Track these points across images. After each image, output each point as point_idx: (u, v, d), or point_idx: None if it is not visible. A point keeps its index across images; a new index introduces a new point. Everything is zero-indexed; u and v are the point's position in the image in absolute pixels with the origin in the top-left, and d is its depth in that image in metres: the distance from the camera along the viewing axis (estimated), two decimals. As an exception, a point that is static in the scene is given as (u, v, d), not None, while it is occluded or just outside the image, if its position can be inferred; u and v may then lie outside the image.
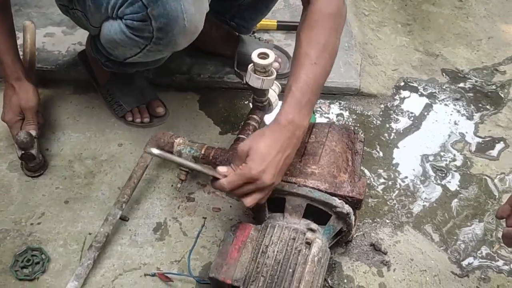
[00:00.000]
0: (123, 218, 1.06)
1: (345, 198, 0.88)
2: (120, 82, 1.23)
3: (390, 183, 1.18)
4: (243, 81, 1.04)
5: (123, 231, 1.05)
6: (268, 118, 1.19)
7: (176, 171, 1.10)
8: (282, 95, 0.91)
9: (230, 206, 1.11)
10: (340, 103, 1.36)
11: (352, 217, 0.90)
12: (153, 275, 0.97)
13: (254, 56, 0.92)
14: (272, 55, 0.96)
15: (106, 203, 1.08)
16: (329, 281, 0.99)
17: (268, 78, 0.99)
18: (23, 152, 1.06)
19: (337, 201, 0.87)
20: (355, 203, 0.89)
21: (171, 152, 1.03)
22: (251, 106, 1.18)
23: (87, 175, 1.15)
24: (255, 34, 1.46)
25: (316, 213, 0.90)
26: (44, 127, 1.19)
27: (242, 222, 0.93)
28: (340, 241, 0.99)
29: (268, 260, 0.84)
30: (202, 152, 1.02)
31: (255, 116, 1.13)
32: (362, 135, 1.07)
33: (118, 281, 0.97)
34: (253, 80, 0.99)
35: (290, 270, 0.83)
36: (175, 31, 0.90)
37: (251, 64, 0.96)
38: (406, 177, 1.19)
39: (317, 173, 0.90)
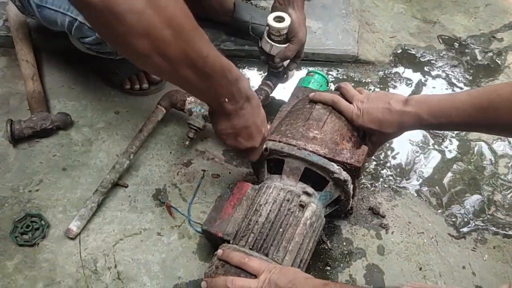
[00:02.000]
0: (123, 185, 1.06)
1: (343, 165, 0.88)
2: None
3: (388, 149, 1.18)
4: (259, 44, 1.03)
5: (123, 197, 1.05)
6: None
7: (179, 132, 1.12)
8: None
9: (229, 172, 1.11)
10: (338, 70, 1.35)
11: (350, 185, 0.90)
12: (163, 203, 1.03)
13: (270, 19, 0.92)
14: (288, 19, 0.97)
15: (104, 170, 1.08)
16: (328, 244, 1.00)
17: (277, 45, 0.98)
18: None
19: (334, 167, 0.87)
20: (354, 171, 0.88)
21: (183, 110, 1.08)
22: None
23: (85, 142, 1.14)
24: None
25: (317, 179, 0.90)
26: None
27: (241, 181, 0.93)
28: (339, 211, 0.99)
29: (260, 219, 0.85)
30: None
31: (268, 82, 1.13)
32: None
33: (118, 246, 0.97)
34: (264, 43, 0.99)
35: (281, 230, 0.84)
36: None
37: (267, 27, 0.96)
38: (404, 143, 1.19)
39: (319, 138, 0.90)
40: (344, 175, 0.87)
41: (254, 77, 1.32)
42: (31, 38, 1.27)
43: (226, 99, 0.74)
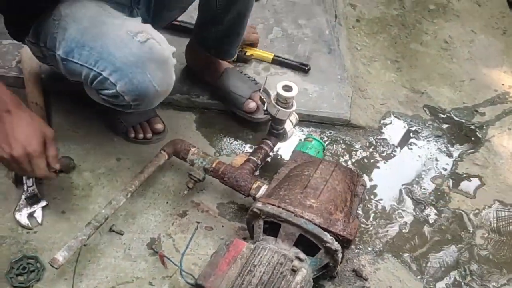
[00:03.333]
0: (119, 232, 1.10)
1: (336, 236, 0.94)
2: None
3: (372, 213, 1.25)
4: (264, 107, 1.11)
5: (118, 244, 1.09)
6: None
7: (176, 182, 1.17)
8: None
9: (222, 226, 1.16)
10: (330, 133, 1.43)
11: (340, 255, 0.95)
12: (157, 252, 1.06)
13: (279, 88, 1.00)
14: (295, 89, 1.06)
15: (102, 216, 1.12)
16: (312, 304, 1.04)
17: (284, 109, 1.07)
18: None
19: (328, 237, 0.93)
20: (345, 242, 0.95)
21: (185, 159, 1.14)
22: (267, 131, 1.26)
23: (85, 187, 1.18)
24: (246, 74, 1.44)
25: (307, 244, 0.96)
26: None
27: (237, 239, 0.98)
28: (325, 274, 1.05)
29: (253, 279, 0.89)
30: (213, 165, 1.11)
31: (268, 142, 1.20)
32: (364, 179, 1.12)
33: (110, 293, 1.01)
34: (271, 107, 1.08)
35: None
36: (149, 98, 0.99)
37: (275, 93, 1.04)
38: (388, 208, 1.26)
39: (315, 207, 0.96)
40: (336, 245, 0.93)
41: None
42: (42, 81, 1.33)
43: None
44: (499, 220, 1.27)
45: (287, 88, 1.09)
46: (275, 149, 1.29)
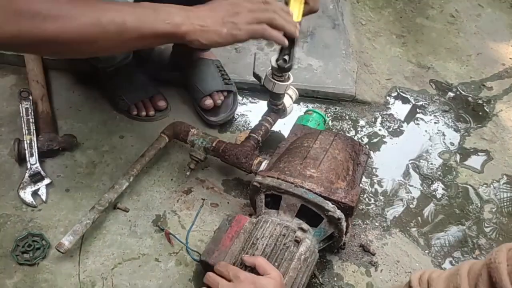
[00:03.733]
0: (124, 209, 1.09)
1: (338, 204, 0.93)
2: (122, 77, 1.26)
3: (380, 188, 1.23)
4: (261, 83, 1.08)
5: (124, 221, 1.08)
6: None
7: (180, 159, 1.15)
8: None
9: (228, 202, 1.15)
10: (335, 109, 1.41)
11: (344, 223, 0.94)
12: (162, 230, 1.06)
13: (273, 60, 0.97)
14: (291, 61, 1.01)
15: (106, 193, 1.11)
16: (320, 278, 1.04)
17: (280, 83, 1.04)
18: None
19: (329, 205, 0.92)
20: (347, 210, 0.93)
21: (185, 140, 1.13)
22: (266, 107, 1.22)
23: (89, 165, 1.17)
24: (223, 71, 1.35)
25: (311, 216, 0.95)
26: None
27: (240, 214, 0.97)
28: (332, 246, 1.04)
29: (256, 252, 0.88)
30: (213, 144, 1.10)
31: (268, 118, 1.17)
32: (367, 148, 1.11)
33: (117, 270, 1.00)
34: (267, 82, 1.04)
35: (276, 264, 0.87)
36: None
37: (270, 67, 1.01)
38: (395, 183, 1.25)
39: (315, 177, 0.94)
40: (338, 213, 0.92)
41: (257, 108, 1.37)
42: (42, 58, 1.31)
43: (167, 21, 0.77)
44: (507, 194, 1.26)
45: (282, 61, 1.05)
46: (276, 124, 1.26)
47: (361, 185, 1.13)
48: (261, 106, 1.38)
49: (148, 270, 1.01)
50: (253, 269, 0.83)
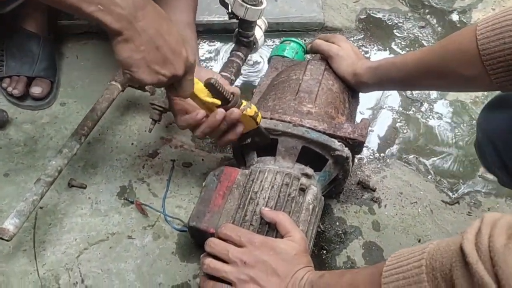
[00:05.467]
0: (80, 186, 0.91)
1: (346, 141, 0.79)
2: (16, 43, 1.04)
3: (369, 117, 1.11)
4: (228, 10, 0.91)
5: (82, 200, 0.90)
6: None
7: (138, 120, 0.97)
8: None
9: (202, 160, 0.99)
10: (305, 40, 1.25)
11: (351, 163, 0.81)
12: (132, 202, 0.90)
13: None
14: None
15: (56, 171, 0.92)
16: (321, 226, 0.91)
17: (253, 7, 0.87)
18: None
19: (336, 144, 0.78)
20: (356, 146, 0.80)
21: (143, 88, 0.97)
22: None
23: (28, 141, 0.97)
24: None
25: (308, 158, 0.81)
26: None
27: (227, 166, 0.81)
28: (332, 191, 0.91)
29: (258, 208, 0.74)
30: None
31: (239, 53, 1.01)
32: None
33: (83, 257, 0.83)
34: (237, 7, 0.88)
35: None
36: None
37: None
38: (384, 110, 1.13)
39: (314, 113, 0.80)
40: (347, 151, 0.78)
41: (217, 53, 1.20)
42: None
43: (100, 6, 0.56)
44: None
45: None
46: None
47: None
48: (223, 49, 1.21)
49: (121, 251, 0.84)
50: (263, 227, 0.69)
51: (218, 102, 0.71)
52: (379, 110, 1.13)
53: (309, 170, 0.78)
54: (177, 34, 0.63)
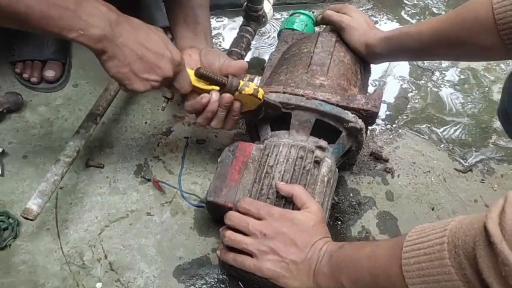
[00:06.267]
0: (98, 166, 0.93)
1: (359, 112, 0.79)
2: None
3: (380, 87, 1.10)
4: None
5: (100, 179, 0.92)
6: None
7: (150, 98, 0.98)
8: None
9: (216, 136, 1.00)
10: (313, 12, 1.23)
11: (364, 134, 0.82)
12: (149, 179, 0.92)
13: None
14: None
15: (73, 152, 0.94)
16: (335, 198, 0.93)
17: None
18: None
19: (350, 115, 0.78)
20: (369, 117, 0.80)
21: None
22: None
23: (43, 123, 0.99)
24: None
25: (322, 131, 0.81)
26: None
27: (241, 142, 0.82)
28: (346, 163, 0.92)
29: (274, 181, 0.75)
30: None
31: (248, 28, 1.00)
32: None
33: (105, 234, 0.85)
34: None
35: None
36: None
37: None
38: (395, 80, 1.12)
39: (326, 85, 0.80)
40: (360, 123, 0.78)
41: (226, 29, 1.19)
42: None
43: (81, 32, 0.60)
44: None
45: None
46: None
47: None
48: (231, 25, 1.20)
49: (141, 227, 0.87)
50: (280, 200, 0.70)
51: (216, 87, 0.75)
52: (389, 80, 1.12)
53: (323, 143, 0.79)
54: (156, 38, 0.67)
